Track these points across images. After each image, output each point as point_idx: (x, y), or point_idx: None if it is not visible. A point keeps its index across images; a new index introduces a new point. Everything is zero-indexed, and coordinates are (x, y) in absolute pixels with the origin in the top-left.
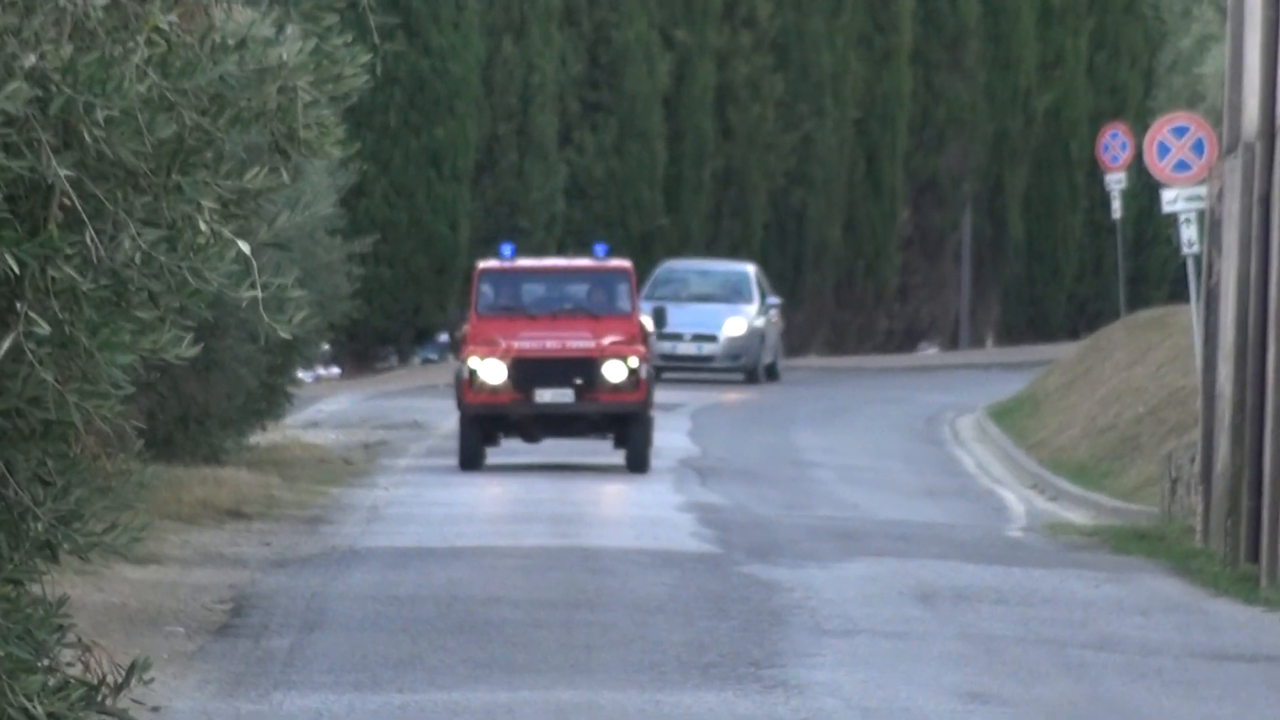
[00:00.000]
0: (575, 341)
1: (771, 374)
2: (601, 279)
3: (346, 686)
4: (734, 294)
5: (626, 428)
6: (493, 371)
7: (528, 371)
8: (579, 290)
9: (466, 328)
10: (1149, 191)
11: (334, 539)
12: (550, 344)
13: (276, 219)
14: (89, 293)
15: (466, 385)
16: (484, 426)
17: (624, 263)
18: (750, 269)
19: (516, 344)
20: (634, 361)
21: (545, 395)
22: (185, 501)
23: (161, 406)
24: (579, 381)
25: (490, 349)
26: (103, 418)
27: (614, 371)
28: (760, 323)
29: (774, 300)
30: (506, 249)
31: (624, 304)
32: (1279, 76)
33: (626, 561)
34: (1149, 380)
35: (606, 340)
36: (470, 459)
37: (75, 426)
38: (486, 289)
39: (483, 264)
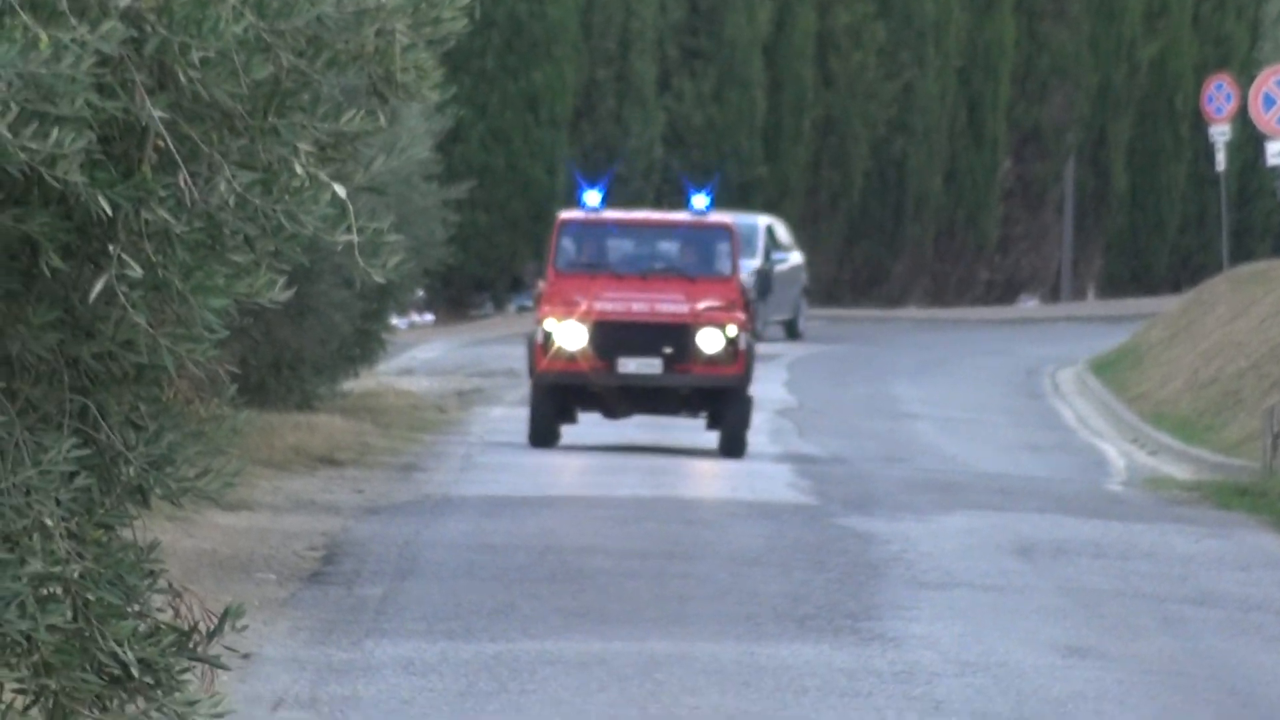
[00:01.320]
0: (666, 305)
1: (790, 332)
2: (699, 236)
3: (439, 635)
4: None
5: (721, 405)
6: (571, 335)
7: (611, 337)
8: (673, 248)
9: (543, 285)
10: (1254, 144)
11: (427, 486)
12: (638, 306)
13: (373, 163)
14: (183, 235)
15: (540, 350)
16: (559, 398)
17: (725, 219)
18: (761, 222)
19: (599, 305)
20: (732, 330)
21: (629, 365)
22: (277, 447)
23: (255, 351)
24: (669, 351)
25: (569, 310)
26: (195, 362)
27: (709, 341)
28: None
29: (782, 256)
30: (593, 195)
31: (724, 265)
32: None
33: (722, 512)
34: (1251, 334)
35: (702, 305)
36: (542, 435)
37: (168, 371)
38: (567, 243)
39: (564, 214)
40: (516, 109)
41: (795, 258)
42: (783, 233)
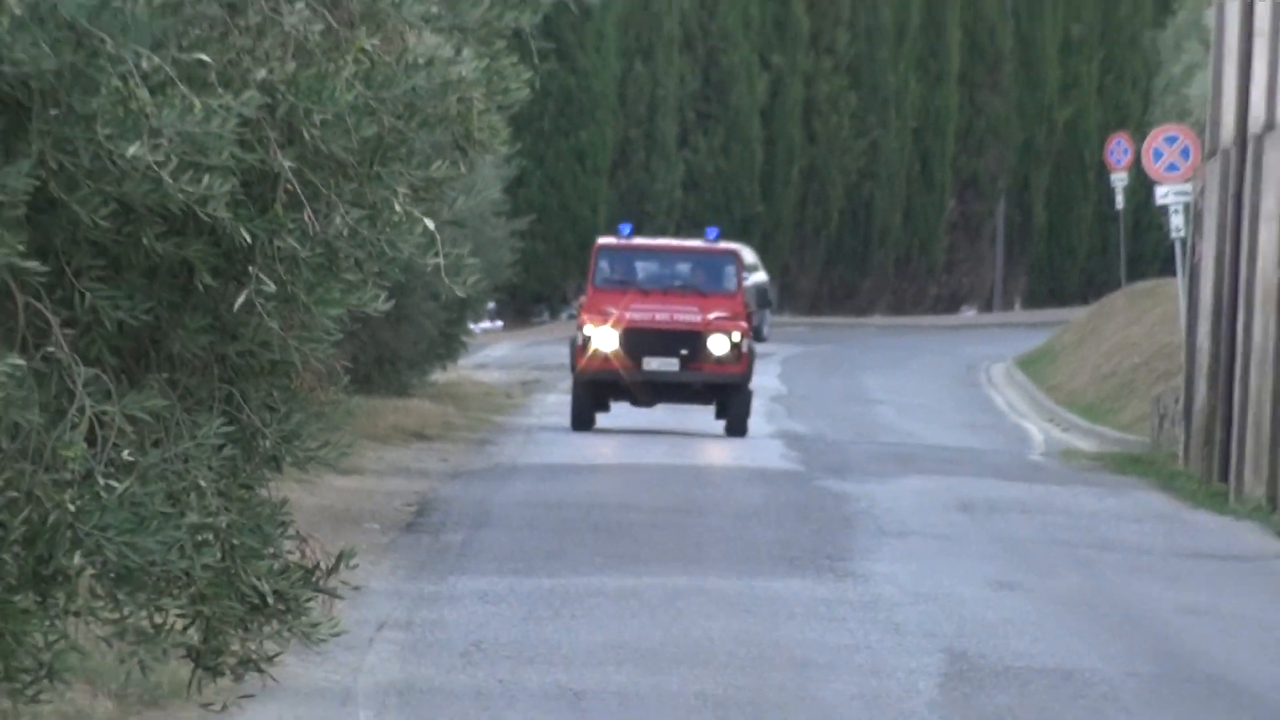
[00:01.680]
0: (683, 315)
1: (755, 336)
2: (710, 260)
3: (507, 572)
4: None
5: (727, 397)
6: (606, 339)
7: (638, 340)
8: (688, 269)
9: (584, 298)
10: (1145, 188)
11: (498, 456)
12: (659, 316)
13: (455, 202)
14: (306, 259)
15: (581, 351)
16: (595, 390)
17: (731, 246)
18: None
19: (628, 315)
20: (736, 336)
21: (653, 363)
22: (380, 425)
23: (363, 350)
24: (684, 352)
25: (604, 318)
26: (316, 358)
27: (718, 344)
28: None
29: (746, 275)
30: (625, 228)
31: (730, 284)
32: (1250, 98)
33: (728, 477)
34: (1143, 338)
35: (712, 315)
36: (582, 420)
37: (295, 365)
38: (604, 264)
39: (601, 240)
40: (567, 161)
41: (759, 276)
42: (749, 256)
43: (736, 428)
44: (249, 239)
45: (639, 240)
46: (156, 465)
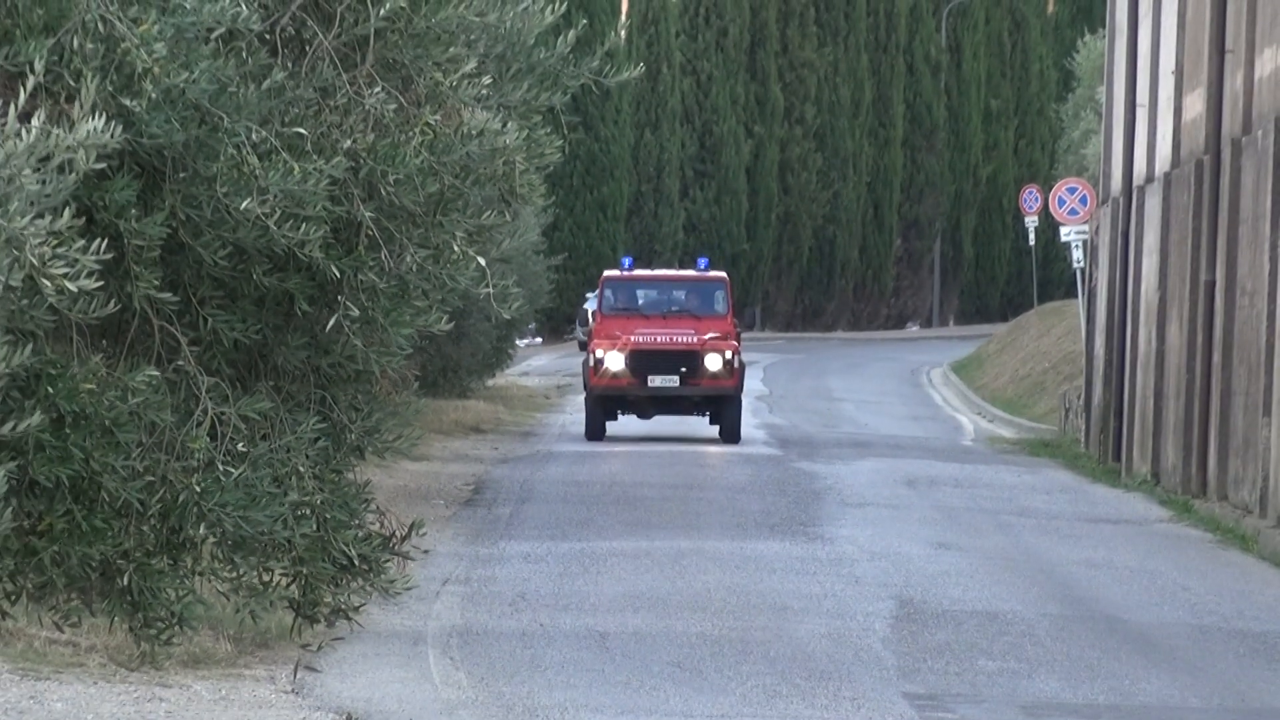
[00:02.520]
0: (681, 337)
1: None
2: (703, 287)
3: (545, 538)
4: None
5: (721, 408)
6: (614, 360)
7: (642, 360)
8: (684, 295)
9: (593, 324)
10: (1051, 228)
11: (538, 445)
12: (660, 339)
13: (502, 244)
14: (384, 290)
15: (592, 371)
16: (606, 405)
17: (721, 274)
18: None
19: (633, 338)
20: (729, 354)
21: (656, 380)
22: (444, 421)
23: (429, 361)
24: (683, 370)
25: (612, 342)
26: (392, 368)
27: (713, 362)
28: None
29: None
30: (626, 261)
31: (721, 307)
32: (1134, 158)
33: (722, 460)
34: (1051, 347)
35: (706, 336)
36: (595, 431)
37: (375, 374)
38: (609, 293)
39: (607, 273)
40: (591, 210)
41: None
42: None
43: (730, 434)
44: (338, 274)
45: (640, 271)
46: (264, 454)
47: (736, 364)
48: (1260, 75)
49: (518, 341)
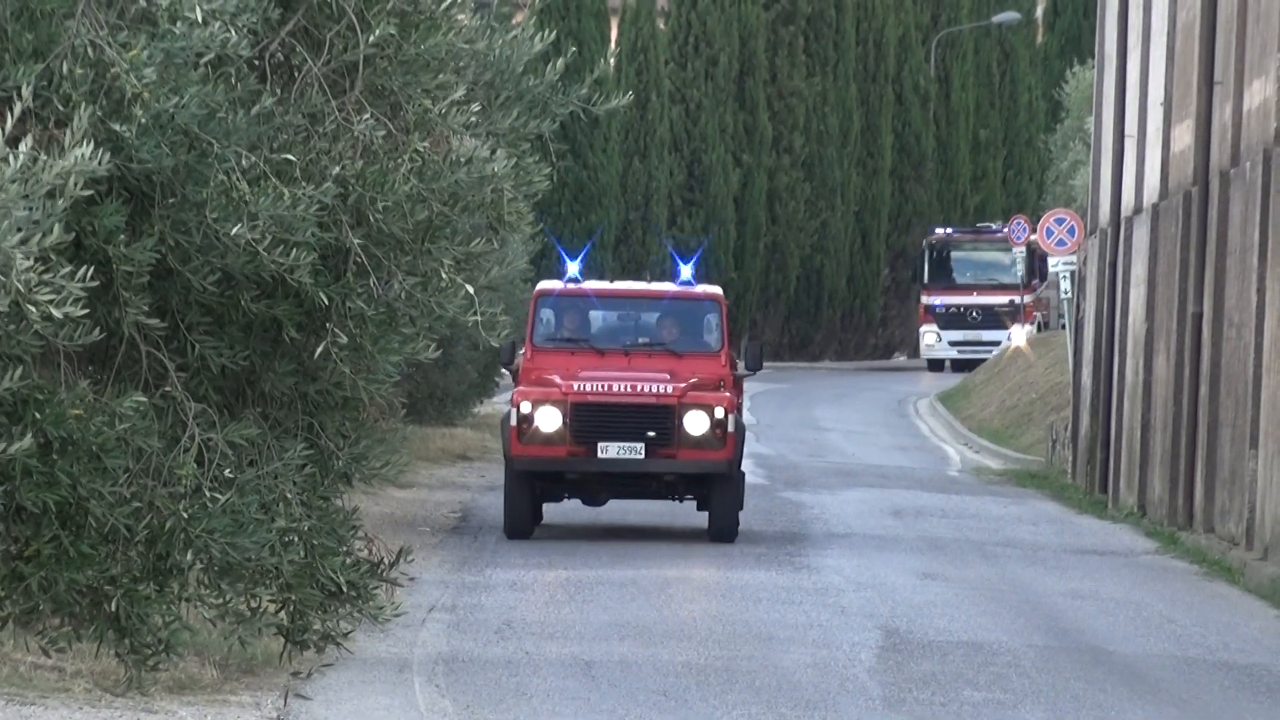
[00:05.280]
0: (649, 384)
1: None
2: (686, 309)
3: (531, 566)
4: None
5: (710, 490)
6: (547, 418)
7: (589, 420)
8: (656, 321)
9: (520, 361)
10: (1040, 259)
11: None
12: (618, 386)
13: (490, 271)
14: (372, 317)
15: (514, 434)
16: (534, 485)
17: (714, 290)
18: None
19: (576, 385)
20: (719, 411)
21: (610, 449)
22: (431, 449)
23: (417, 389)
24: (651, 434)
25: (545, 390)
26: (380, 395)
27: (695, 423)
28: None
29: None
30: (574, 273)
31: (712, 339)
32: (1122, 189)
33: None
34: (1039, 378)
35: (687, 383)
36: (517, 525)
37: (363, 401)
38: (545, 315)
39: (542, 286)
40: (580, 238)
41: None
42: None
43: (723, 530)
44: (326, 300)
45: (592, 284)
46: (252, 481)
47: (731, 426)
48: (1249, 107)
49: (504, 370)
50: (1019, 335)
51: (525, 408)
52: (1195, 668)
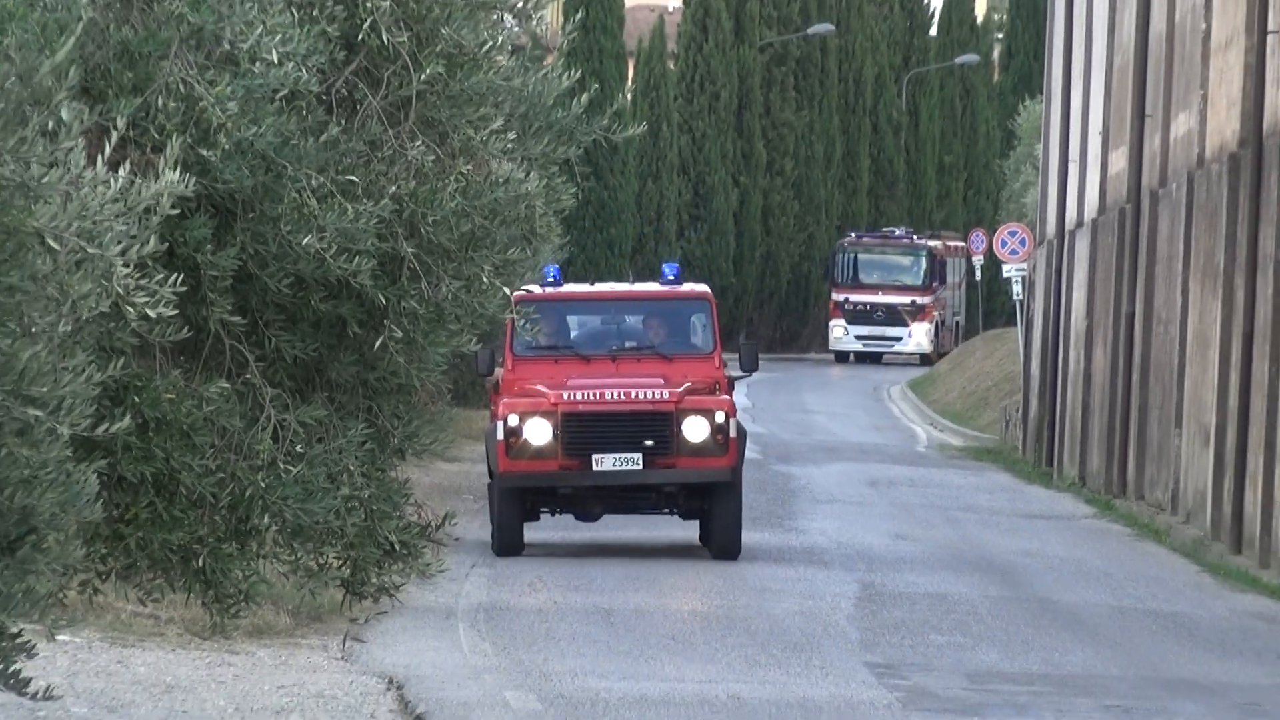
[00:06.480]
0: (644, 390)
1: None
2: (673, 309)
3: (559, 528)
4: None
5: (712, 502)
6: (536, 430)
7: (583, 431)
8: (644, 323)
9: (500, 372)
10: (995, 266)
11: None
12: (611, 394)
13: (524, 276)
14: (423, 315)
15: (502, 449)
16: (525, 501)
17: (702, 289)
18: None
19: (566, 394)
20: (720, 416)
21: (606, 461)
22: (473, 428)
23: (461, 376)
24: (649, 443)
25: (532, 401)
26: (430, 382)
27: (695, 429)
28: None
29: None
30: (551, 271)
31: (703, 341)
32: (1066, 206)
33: None
34: (994, 368)
35: (684, 388)
36: (508, 541)
37: (415, 387)
38: (537, 323)
39: (520, 291)
40: (601, 249)
41: None
42: None
43: (726, 546)
44: (384, 301)
45: (571, 287)
46: (319, 455)
47: (733, 430)
48: (1175, 136)
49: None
50: (919, 332)
51: (513, 420)
52: (1128, 615)
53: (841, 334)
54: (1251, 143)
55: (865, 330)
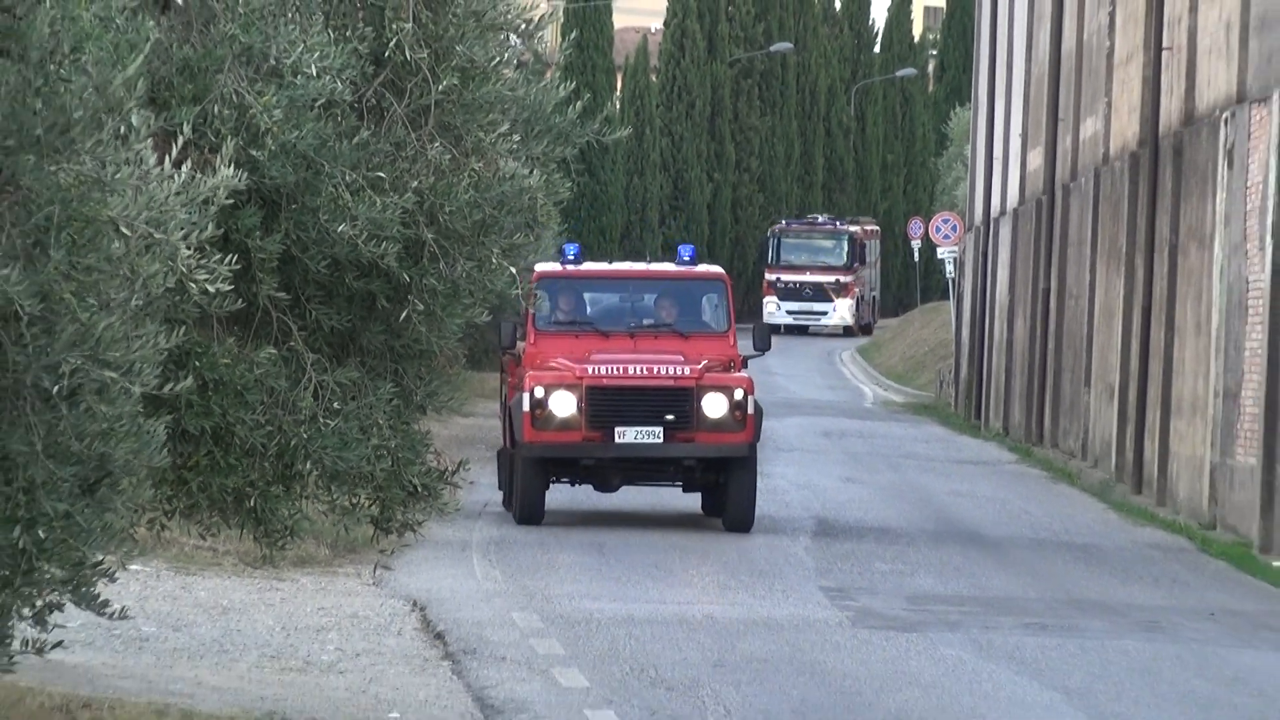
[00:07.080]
0: (666, 366)
1: None
2: (689, 289)
3: (567, 491)
4: None
5: (728, 475)
6: (561, 403)
7: (606, 404)
8: (660, 302)
9: (523, 345)
10: (930, 249)
11: None
12: (635, 369)
13: (529, 258)
14: (441, 291)
15: (527, 420)
16: (548, 471)
17: (716, 269)
18: None
19: (590, 369)
20: (739, 393)
21: (628, 434)
22: (485, 388)
23: (475, 344)
24: (670, 418)
25: (557, 374)
26: (448, 348)
27: (714, 405)
28: None
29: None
30: (570, 249)
31: (718, 320)
32: (991, 198)
33: None
34: (930, 335)
35: (703, 364)
36: (529, 510)
37: (435, 352)
38: (547, 299)
39: (540, 268)
40: (594, 236)
41: None
42: None
43: (739, 519)
44: (408, 279)
45: (591, 265)
46: (353, 411)
47: (751, 407)
48: (1084, 138)
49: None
50: (842, 308)
51: (539, 392)
52: (1044, 546)
53: (774, 309)
54: (1149, 143)
55: (795, 306)
